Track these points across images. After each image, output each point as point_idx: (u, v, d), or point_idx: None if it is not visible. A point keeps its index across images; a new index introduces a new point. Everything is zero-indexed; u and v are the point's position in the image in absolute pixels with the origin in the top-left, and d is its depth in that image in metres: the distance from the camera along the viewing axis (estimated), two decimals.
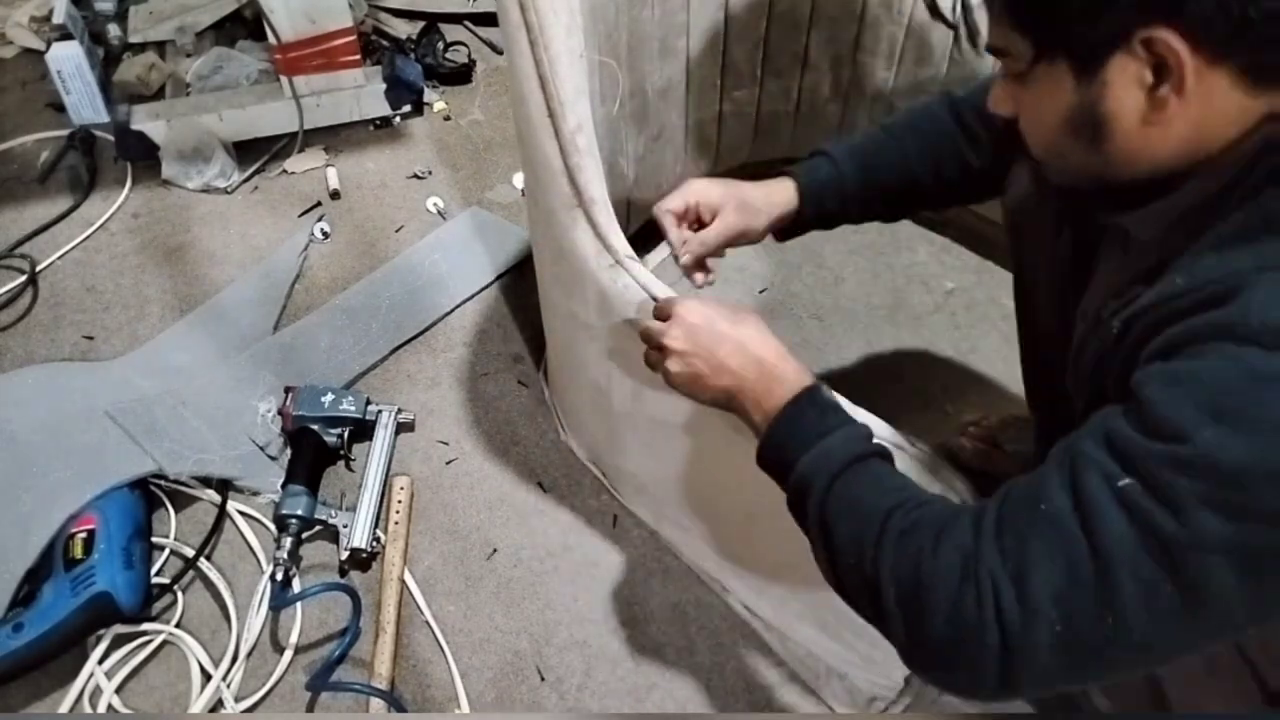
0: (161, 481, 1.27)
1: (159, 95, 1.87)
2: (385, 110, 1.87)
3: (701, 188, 0.96)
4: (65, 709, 1.09)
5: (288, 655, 1.15)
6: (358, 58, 1.79)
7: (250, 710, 1.11)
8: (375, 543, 1.23)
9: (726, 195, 0.95)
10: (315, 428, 1.31)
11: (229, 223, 1.70)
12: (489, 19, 2.13)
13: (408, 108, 1.91)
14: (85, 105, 1.82)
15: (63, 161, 1.80)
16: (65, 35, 1.77)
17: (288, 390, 1.35)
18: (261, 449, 1.32)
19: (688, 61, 1.42)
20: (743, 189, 0.96)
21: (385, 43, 2.01)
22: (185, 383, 1.39)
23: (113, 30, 1.94)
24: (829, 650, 1.10)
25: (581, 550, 1.27)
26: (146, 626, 1.15)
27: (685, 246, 0.95)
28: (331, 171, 1.78)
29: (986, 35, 0.68)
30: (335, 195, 1.75)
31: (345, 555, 1.22)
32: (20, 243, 1.64)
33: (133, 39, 1.95)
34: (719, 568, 1.20)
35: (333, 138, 1.86)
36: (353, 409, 1.33)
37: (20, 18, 2.01)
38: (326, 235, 1.68)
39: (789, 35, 1.48)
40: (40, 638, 1.08)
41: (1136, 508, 0.53)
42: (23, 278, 1.58)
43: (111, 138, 1.77)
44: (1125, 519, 0.53)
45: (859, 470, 0.68)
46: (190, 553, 1.22)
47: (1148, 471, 0.53)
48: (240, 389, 1.38)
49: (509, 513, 1.30)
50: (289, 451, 1.32)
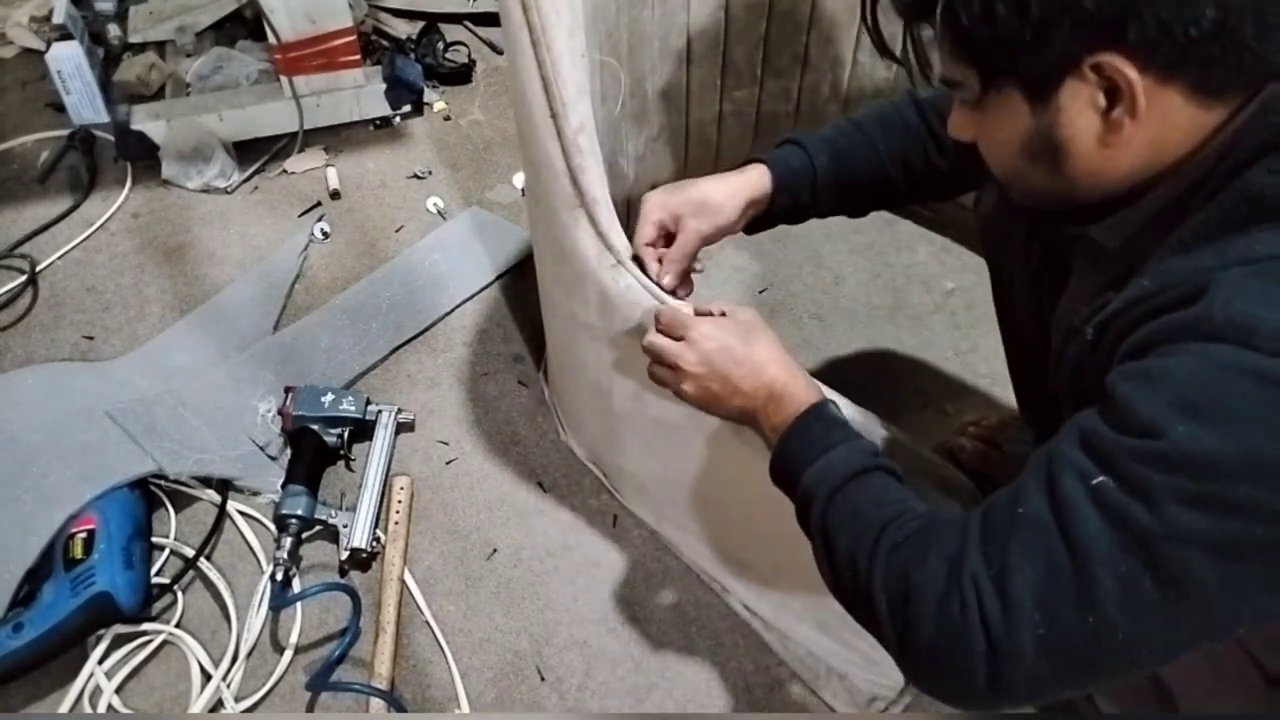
0: (161, 481, 1.27)
1: (159, 95, 1.87)
2: (385, 110, 1.87)
3: (658, 202, 0.94)
4: (65, 709, 1.09)
5: (288, 655, 1.15)
6: (358, 58, 1.79)
7: (250, 710, 1.11)
8: (375, 543, 1.23)
9: (683, 202, 0.93)
10: (315, 428, 1.31)
11: (229, 223, 1.70)
12: (489, 19, 2.13)
13: (408, 108, 1.90)
14: (85, 105, 1.81)
15: (63, 161, 1.80)
16: (65, 35, 1.77)
17: (288, 390, 1.35)
18: (261, 449, 1.32)
19: (688, 61, 1.42)
20: (700, 189, 0.93)
21: (385, 43, 2.01)
22: (185, 383, 1.39)
23: (113, 30, 1.94)
24: (829, 650, 1.10)
25: (581, 550, 1.27)
26: (146, 626, 1.15)
27: (662, 270, 0.94)
28: (331, 171, 1.78)
29: (938, 68, 0.69)
30: (335, 195, 1.75)
31: (345, 555, 1.22)
32: (20, 243, 1.64)
33: (133, 39, 1.95)
34: (719, 568, 1.20)
35: (333, 138, 1.86)
36: (353, 409, 1.33)
37: (20, 18, 2.01)
38: (326, 235, 1.68)
39: (789, 35, 1.48)
40: (40, 638, 1.08)
41: (1111, 504, 0.53)
42: (23, 278, 1.58)
43: (111, 138, 1.77)
44: (1100, 516, 0.53)
45: (861, 483, 0.69)
46: (190, 553, 1.22)
47: (1123, 468, 0.53)
48: (240, 389, 1.38)
49: (509, 513, 1.30)
50: (289, 451, 1.32)
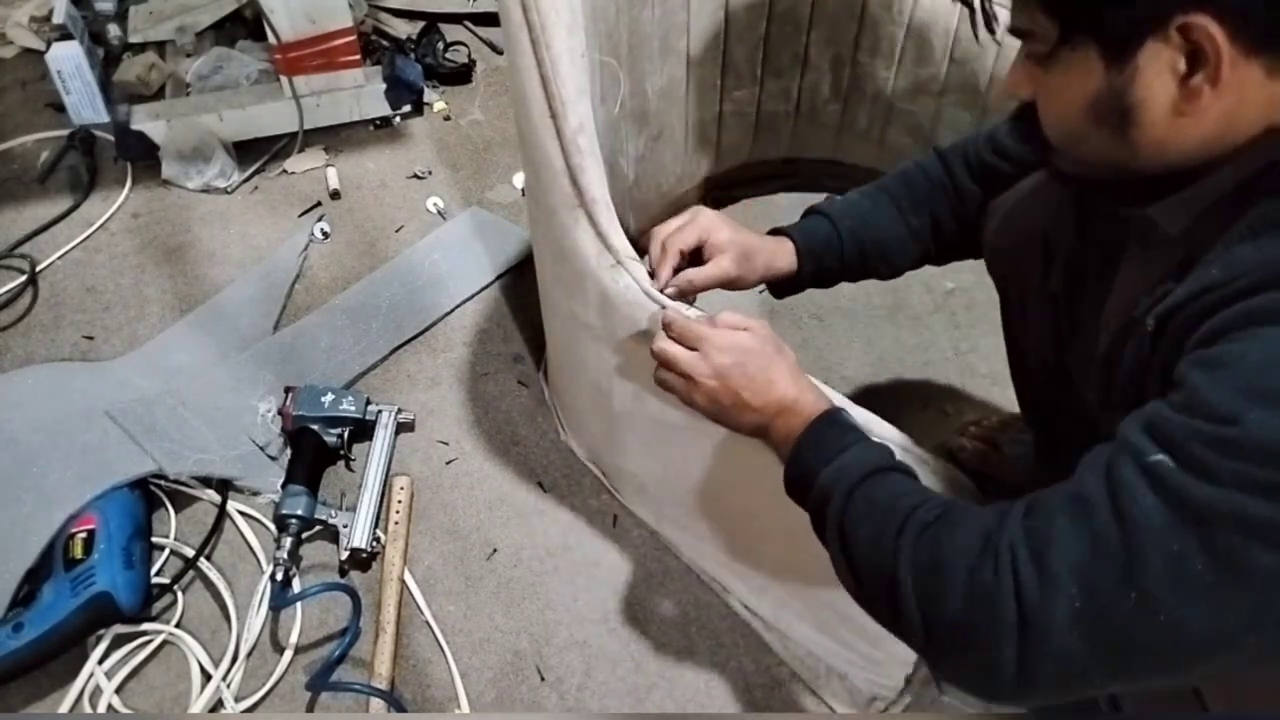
0: (161, 481, 1.27)
1: (159, 95, 1.87)
2: (385, 110, 1.87)
3: (712, 224, 0.93)
4: (65, 709, 1.09)
5: (288, 655, 1.15)
6: (358, 58, 1.79)
7: (250, 710, 1.11)
8: (375, 543, 1.23)
9: (733, 241, 0.93)
10: (315, 428, 1.31)
11: (229, 223, 1.70)
12: (489, 19, 2.13)
13: (408, 108, 1.90)
14: (85, 105, 1.81)
15: (63, 161, 1.80)
16: (65, 35, 1.77)
17: (288, 390, 1.35)
18: (261, 449, 1.32)
19: (688, 61, 1.42)
20: (750, 239, 0.94)
21: (385, 43, 2.01)
22: (185, 383, 1.39)
23: (113, 30, 1.94)
24: (829, 650, 1.10)
25: (581, 550, 1.27)
26: (146, 626, 1.15)
27: (673, 281, 0.93)
28: (331, 171, 1.78)
29: (1009, 17, 0.67)
30: (335, 195, 1.75)
31: (345, 555, 1.22)
32: (20, 243, 1.64)
33: (133, 39, 1.95)
34: (719, 568, 1.20)
35: (333, 138, 1.86)
36: (353, 409, 1.33)
37: (20, 18, 2.01)
38: (326, 235, 1.68)
39: (789, 35, 1.48)
40: (40, 638, 1.08)
41: (1169, 482, 0.52)
42: (23, 278, 1.58)
43: (111, 138, 1.77)
44: (1156, 493, 0.52)
45: (879, 480, 0.68)
46: (190, 553, 1.22)
47: (1188, 452, 0.52)
48: (240, 389, 1.38)
49: (509, 513, 1.30)
50: (289, 451, 1.32)
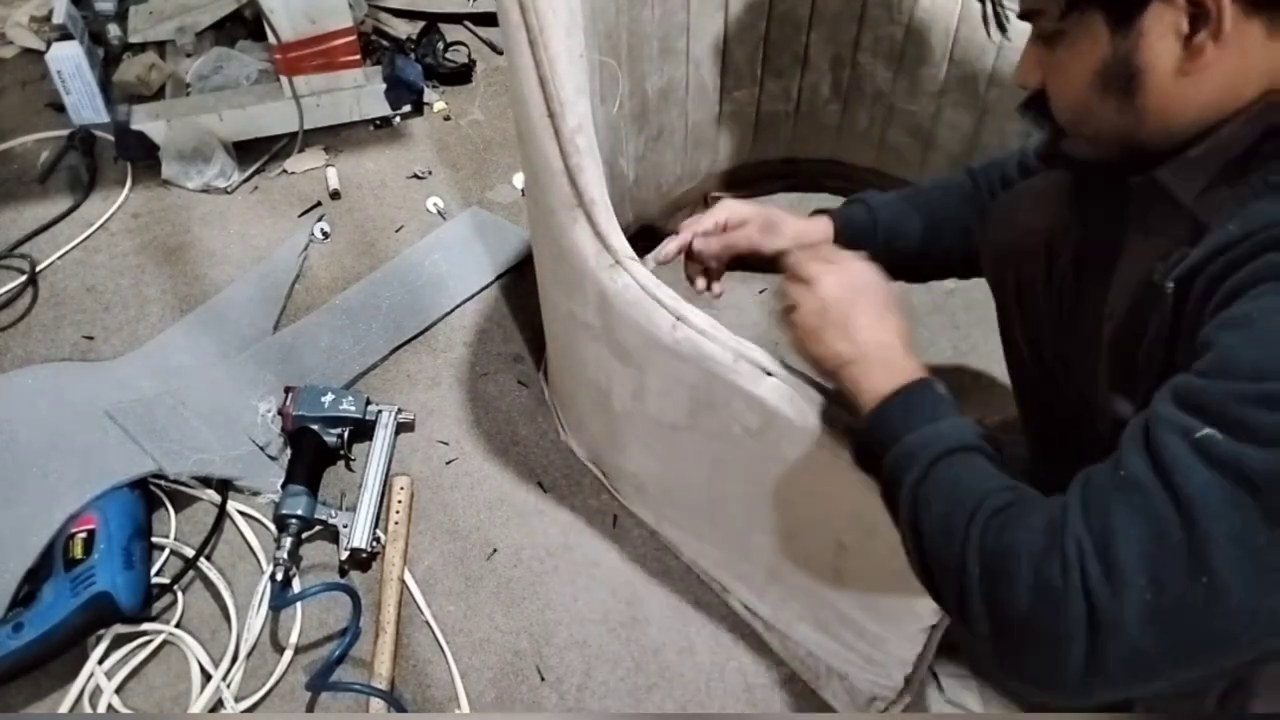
0: (161, 481, 1.27)
1: (159, 95, 1.87)
2: (385, 110, 1.87)
3: (731, 205, 0.95)
4: (65, 709, 1.09)
5: (288, 655, 1.15)
6: (358, 58, 1.79)
7: (250, 710, 1.11)
8: (375, 543, 1.23)
9: (755, 213, 0.95)
10: (315, 428, 1.31)
11: (229, 223, 1.70)
12: (489, 19, 2.13)
13: (408, 108, 1.90)
14: (85, 105, 1.82)
15: (63, 161, 1.80)
16: (65, 35, 1.77)
17: (288, 390, 1.35)
18: (261, 449, 1.32)
19: (688, 61, 1.42)
20: (775, 212, 0.96)
21: (385, 43, 2.01)
22: (185, 383, 1.39)
23: (113, 30, 1.94)
24: (829, 650, 1.10)
25: (581, 550, 1.27)
26: (146, 626, 1.15)
27: (684, 229, 0.94)
28: (331, 171, 1.78)
29: (1019, 2, 0.69)
30: (335, 195, 1.75)
31: (345, 555, 1.22)
32: (20, 243, 1.64)
33: (133, 39, 1.95)
34: (719, 568, 1.20)
35: (333, 138, 1.86)
36: (353, 409, 1.33)
37: (20, 18, 2.01)
38: (326, 235, 1.68)
39: (789, 35, 1.48)
40: (40, 638, 1.08)
41: (1219, 455, 0.51)
42: (23, 278, 1.58)
43: (111, 138, 1.77)
44: (1208, 469, 0.51)
45: (963, 457, 0.66)
46: (190, 553, 1.22)
47: (1231, 415, 0.51)
48: (240, 389, 1.38)
49: (509, 513, 1.30)
50: (289, 451, 1.32)
